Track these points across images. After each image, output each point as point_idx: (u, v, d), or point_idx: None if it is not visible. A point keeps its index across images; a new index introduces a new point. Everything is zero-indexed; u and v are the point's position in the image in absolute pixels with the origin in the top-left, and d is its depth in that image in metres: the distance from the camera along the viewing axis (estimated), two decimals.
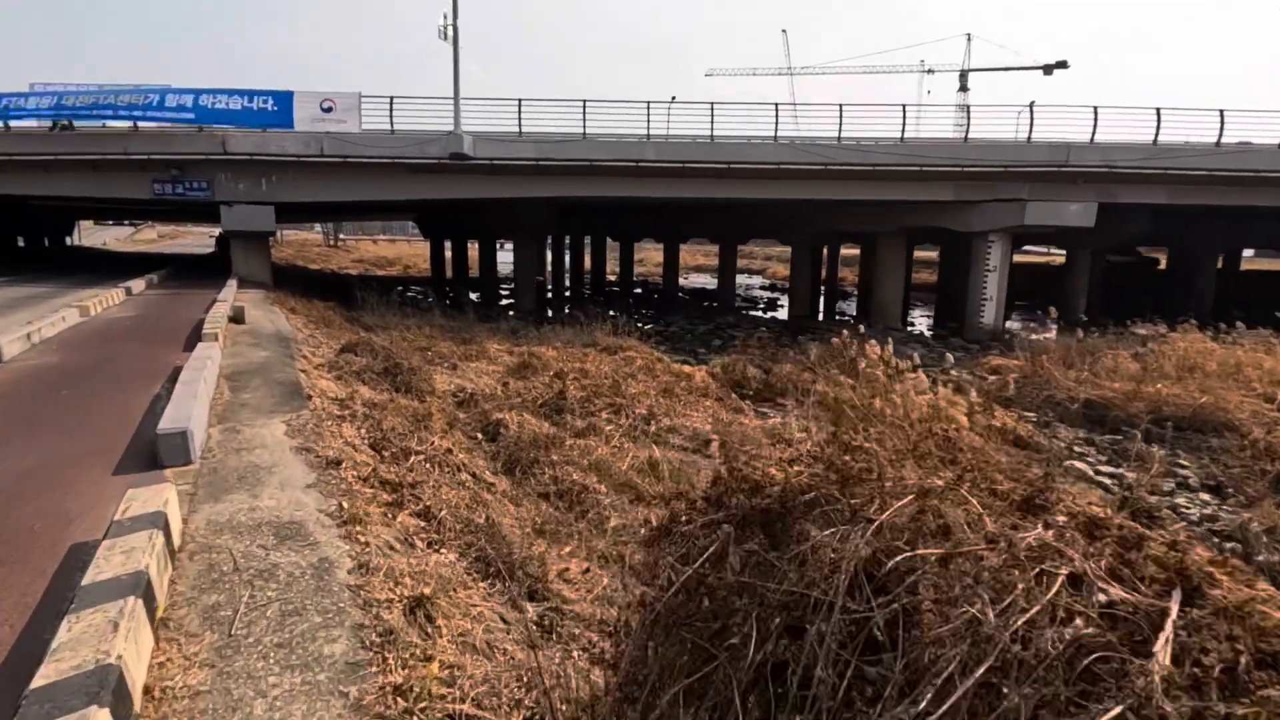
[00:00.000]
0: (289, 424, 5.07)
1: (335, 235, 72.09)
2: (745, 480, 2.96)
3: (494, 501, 5.33)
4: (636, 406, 10.40)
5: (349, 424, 5.43)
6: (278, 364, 7.50)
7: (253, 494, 3.70)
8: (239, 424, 5.09)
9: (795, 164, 19.85)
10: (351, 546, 3.07)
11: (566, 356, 14.66)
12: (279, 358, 7.95)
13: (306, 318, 14.06)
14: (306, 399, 6.00)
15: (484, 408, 9.84)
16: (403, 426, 5.80)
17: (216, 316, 9.58)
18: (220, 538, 3.17)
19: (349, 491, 3.72)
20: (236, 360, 7.53)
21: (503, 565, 3.58)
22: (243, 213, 20.35)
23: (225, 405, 5.70)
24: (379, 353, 9.54)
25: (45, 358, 7.98)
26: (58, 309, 11.94)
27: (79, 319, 10.82)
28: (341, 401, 6.30)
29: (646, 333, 18.87)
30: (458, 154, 19.46)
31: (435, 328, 18.25)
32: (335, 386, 7.18)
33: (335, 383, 7.46)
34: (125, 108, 21.66)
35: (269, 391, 6.16)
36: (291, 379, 6.75)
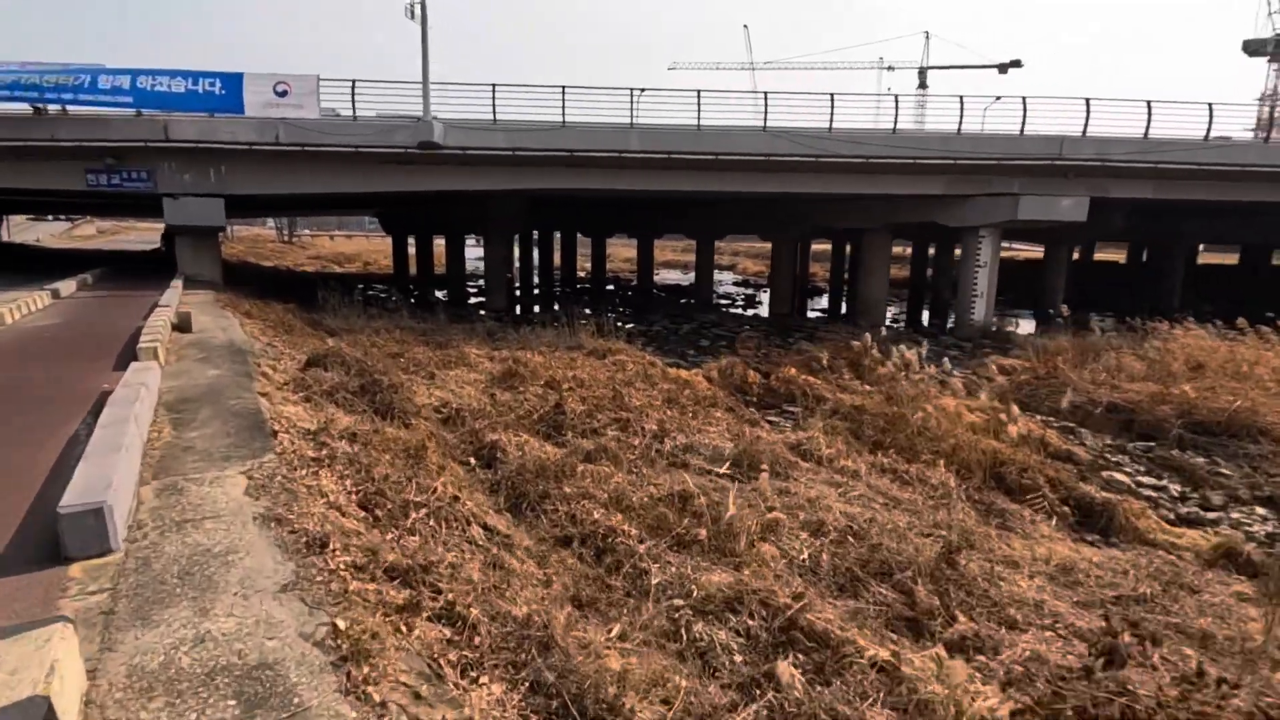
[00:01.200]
0: (251, 477, 3.84)
1: (291, 231, 69.11)
2: None
3: (518, 565, 4.21)
4: (644, 421, 9.34)
5: (328, 471, 4.23)
6: (232, 385, 6.21)
7: (200, 608, 2.52)
8: (183, 478, 3.85)
9: (786, 155, 18.97)
10: (360, 714, 1.95)
11: (554, 362, 13.52)
12: (234, 376, 6.65)
13: (263, 322, 12.59)
14: (271, 435, 4.78)
15: (473, 426, 8.66)
16: (395, 469, 4.63)
17: (157, 325, 8.17)
18: (148, 711, 2.00)
19: (344, 596, 2.59)
20: (181, 382, 6.21)
21: (569, 698, 2.50)
22: (189, 206, 18.59)
23: (165, 449, 4.44)
24: (351, 365, 8.26)
25: None
26: None
27: None
28: (315, 436, 5.08)
29: (629, 334, 17.82)
30: (427, 143, 18.05)
31: (405, 331, 16.91)
32: (305, 413, 5.94)
33: (305, 407, 6.22)
34: (52, 89, 19.59)
35: (222, 426, 4.91)
36: (250, 406, 5.50)
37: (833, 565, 5.30)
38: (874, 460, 8.73)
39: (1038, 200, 19.77)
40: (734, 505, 6.11)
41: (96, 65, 19.23)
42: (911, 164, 19.42)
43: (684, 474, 7.41)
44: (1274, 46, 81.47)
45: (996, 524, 7.07)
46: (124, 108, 19.40)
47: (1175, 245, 32.49)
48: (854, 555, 5.45)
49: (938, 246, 33.15)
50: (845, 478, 7.99)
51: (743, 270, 61.59)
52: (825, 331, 23.34)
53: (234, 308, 13.15)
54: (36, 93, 19.34)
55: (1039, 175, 20.03)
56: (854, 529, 5.98)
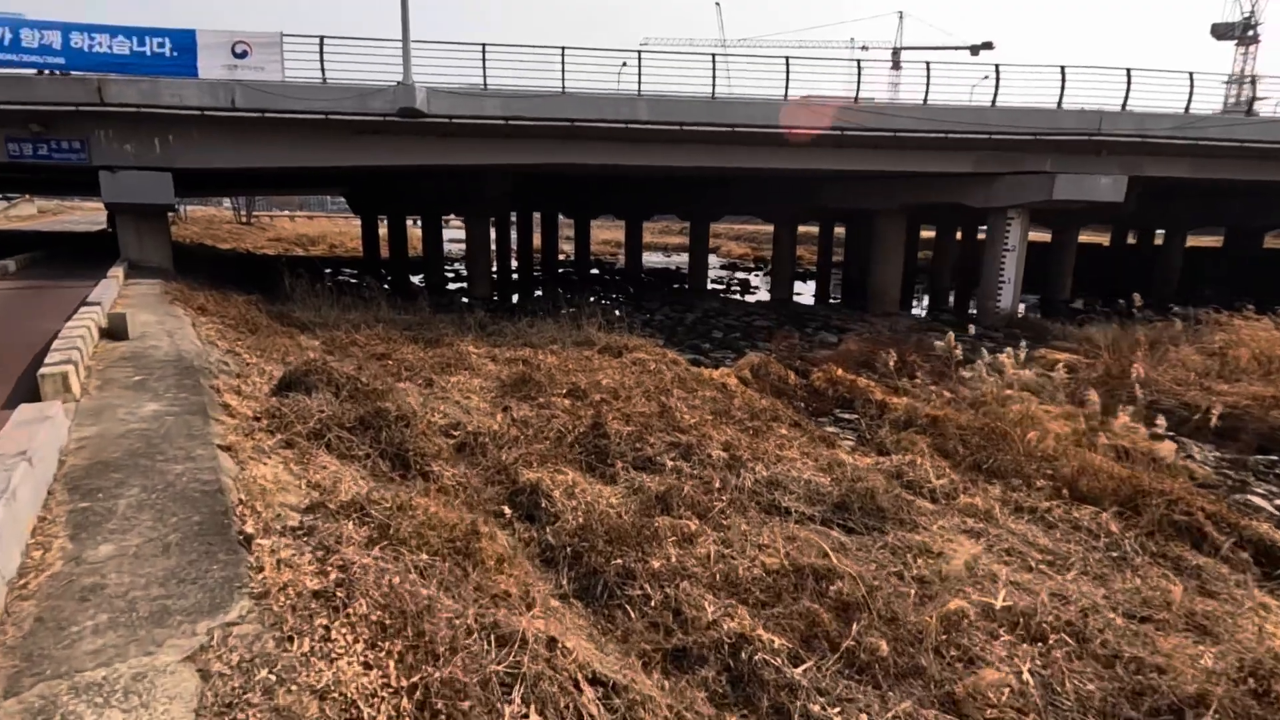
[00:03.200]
0: (206, 674, 2.04)
1: (249, 211, 65.28)
2: None
3: None
4: (706, 444, 7.59)
5: (343, 627, 2.41)
6: (178, 431, 4.29)
7: None
8: (73, 678, 1.99)
9: (809, 129, 17.21)
10: None
11: (570, 363, 11.68)
12: (181, 414, 4.71)
13: (222, 320, 10.47)
14: (243, 542, 2.91)
15: (499, 458, 6.81)
16: (446, 589, 2.84)
17: (76, 333, 6.10)
18: None
19: None
20: (100, 428, 4.25)
21: None
22: (130, 181, 16.13)
23: (43, 602, 2.56)
24: (341, 383, 6.33)
25: None
26: None
27: None
28: (310, 532, 3.22)
29: (631, 324, 16.06)
30: (409, 109, 15.86)
31: (388, 325, 14.87)
32: (288, 474, 4.08)
33: (286, 463, 4.33)
34: None
35: (158, 526, 3.00)
36: (205, 476, 3.58)
37: (1080, 702, 3.63)
38: (998, 494, 7.12)
39: (1074, 179, 18.39)
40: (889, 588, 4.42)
41: (15, 15, 16.51)
42: (942, 139, 17.83)
43: (792, 526, 5.70)
44: (1241, 30, 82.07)
45: (1193, 585, 5.52)
46: (54, 69, 16.79)
47: (1171, 226, 31.66)
48: (1098, 680, 3.80)
49: (940, 229, 31.83)
50: (978, 521, 6.36)
51: (726, 253, 59.97)
52: (840, 319, 21.83)
53: (186, 301, 10.97)
54: None
55: (1071, 152, 18.64)
56: (1068, 625, 4.33)
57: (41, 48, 16.97)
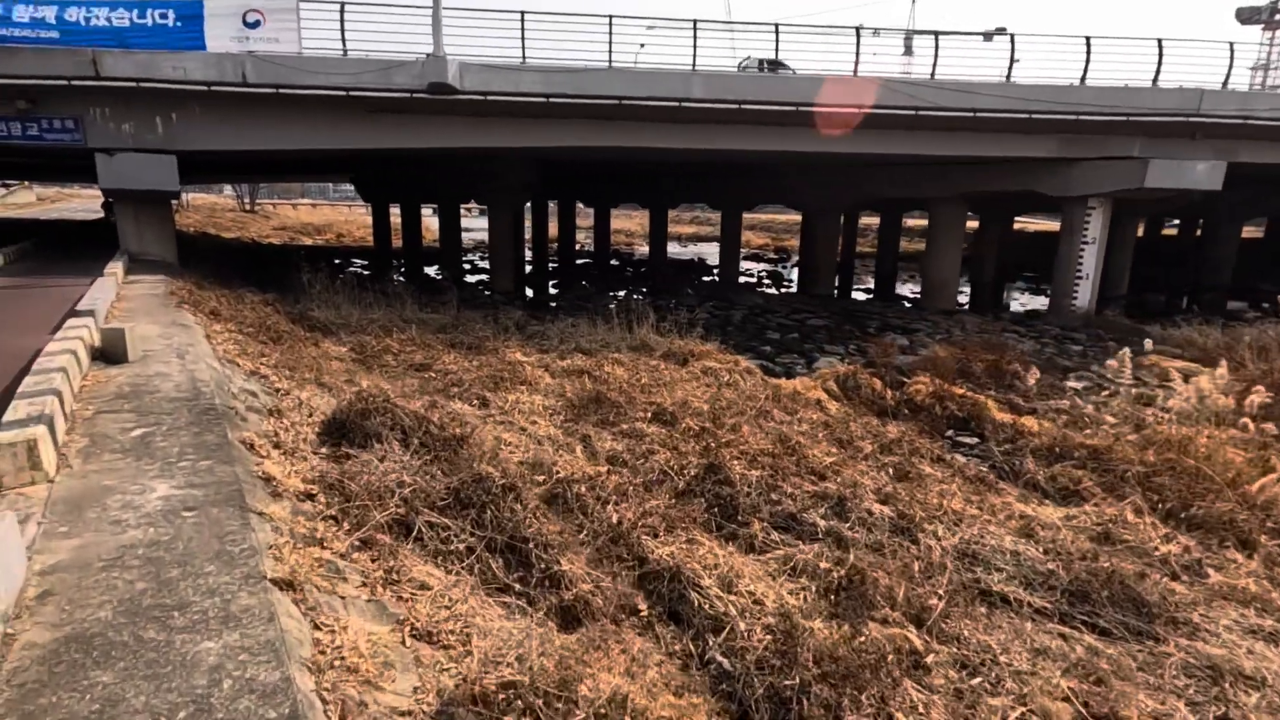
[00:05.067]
0: None
1: (252, 199, 63.44)
2: None
3: None
4: (856, 493, 6.01)
5: None
6: (204, 552, 2.66)
7: None
8: None
9: (880, 108, 15.52)
10: None
11: (643, 376, 10.09)
12: (204, 508, 3.08)
13: (239, 327, 8.87)
14: None
15: (606, 517, 5.24)
16: None
17: (54, 364, 4.48)
18: None
19: None
20: (79, 546, 2.58)
21: None
22: (129, 165, 14.50)
23: None
24: (410, 428, 4.75)
25: None
26: None
27: None
28: None
29: (679, 324, 14.54)
30: (439, 85, 14.18)
31: (419, 327, 13.31)
32: (384, 629, 2.52)
33: (371, 588, 2.77)
34: None
35: None
36: (261, 676, 2.01)
37: None
38: (1257, 567, 5.55)
39: (1169, 165, 16.70)
40: None
41: None
42: (1025, 120, 16.13)
43: (1027, 627, 4.13)
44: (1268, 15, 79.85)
45: None
46: (48, 44, 15.15)
47: (1228, 216, 29.83)
48: None
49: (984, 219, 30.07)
50: (1259, 613, 4.80)
51: (745, 243, 58.08)
52: (899, 317, 20.21)
53: (195, 305, 9.37)
54: None
55: (1162, 135, 16.93)
56: None
57: (34, 21, 15.35)
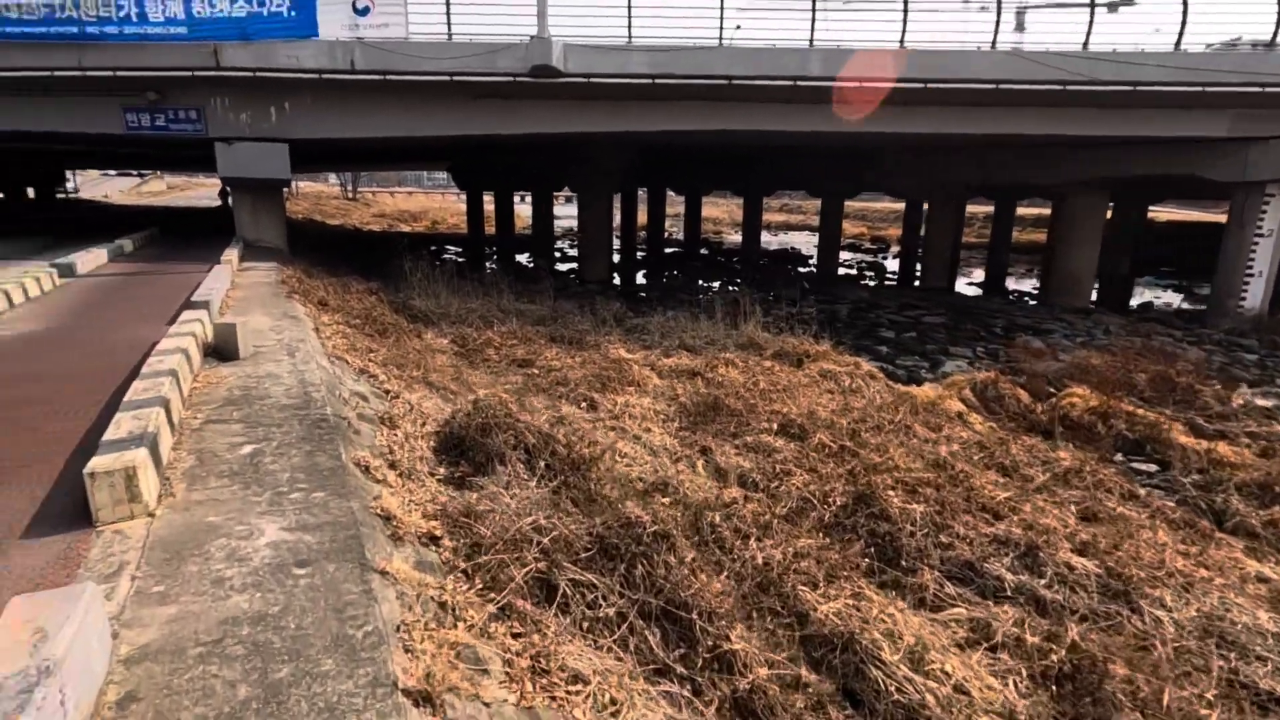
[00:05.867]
0: None
1: (354, 187, 66.27)
2: None
3: None
4: (1051, 542, 5.00)
5: None
6: (319, 632, 2.08)
7: None
8: None
9: (1022, 83, 13.90)
10: None
11: (760, 380, 9.25)
12: (319, 564, 2.53)
13: (346, 319, 8.68)
14: None
15: (750, 557, 4.47)
16: None
17: (165, 365, 4.17)
18: None
19: None
20: (174, 618, 2.26)
21: None
22: (246, 154, 14.85)
23: None
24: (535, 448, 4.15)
25: None
26: None
27: None
28: None
29: (779, 318, 13.61)
30: (542, 67, 13.70)
31: (517, 317, 12.97)
32: None
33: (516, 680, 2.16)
34: (94, 24, 15.94)
35: None
36: None
37: None
38: None
39: None
40: None
41: None
42: (1197, 94, 14.05)
43: None
44: None
45: None
46: (177, 40, 15.75)
47: None
48: None
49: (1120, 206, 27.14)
50: None
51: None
52: (1026, 316, 18.38)
53: (305, 295, 9.27)
54: (76, 27, 15.70)
55: None
56: None
57: (166, 20, 15.95)
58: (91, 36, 15.07)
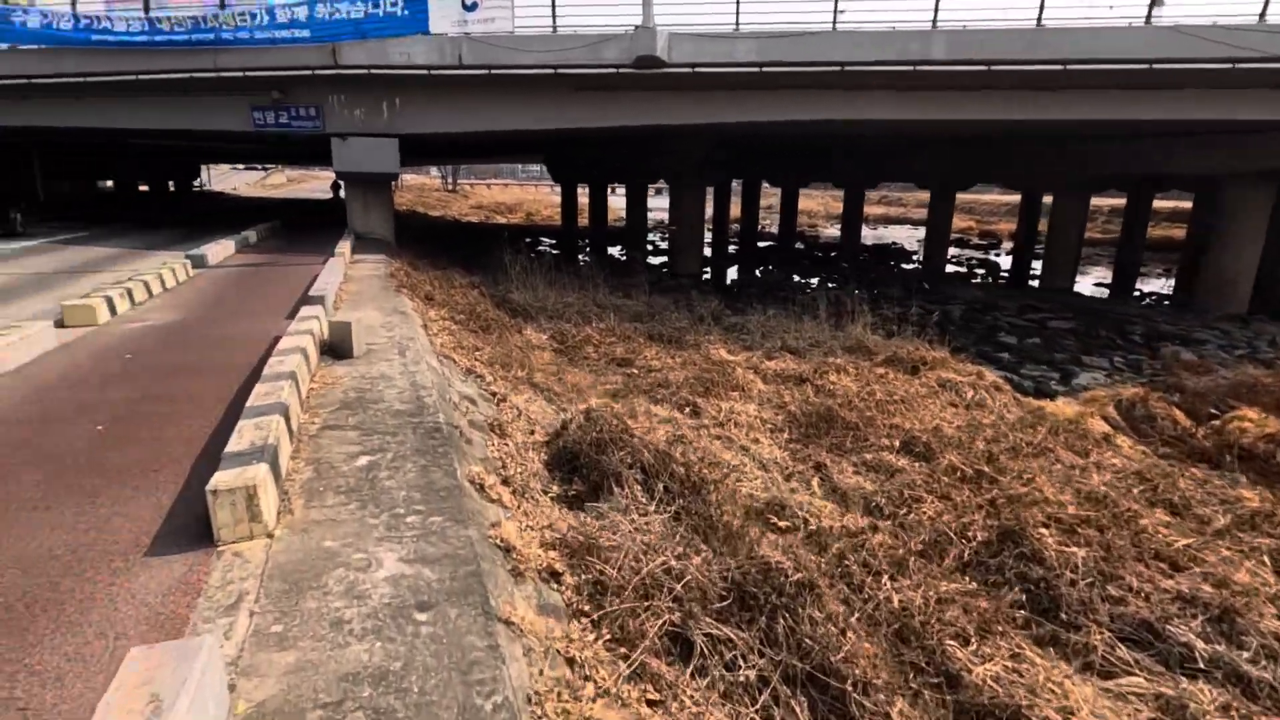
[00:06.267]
0: None
1: (454, 179, 68.70)
2: None
3: None
4: (1251, 605, 4.23)
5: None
6: (442, 697, 1.80)
7: None
8: None
9: (1181, 63, 12.35)
10: None
11: (876, 389, 8.61)
12: (440, 607, 2.21)
13: (451, 314, 8.73)
14: None
15: (884, 600, 3.99)
16: None
17: (286, 367, 4.18)
18: None
19: None
20: (293, 667, 2.05)
21: None
22: (359, 149, 15.39)
23: None
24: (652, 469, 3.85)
25: None
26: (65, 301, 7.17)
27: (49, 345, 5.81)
28: None
29: (886, 319, 12.78)
30: (647, 58, 13.38)
31: (614, 312, 12.77)
32: None
33: None
34: (231, 31, 16.91)
35: None
36: None
37: None
38: None
39: None
40: None
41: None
42: None
43: None
44: None
45: None
46: (300, 43, 16.56)
47: None
48: None
49: None
50: None
51: None
52: (1170, 322, 16.53)
53: (412, 289, 9.41)
54: (213, 34, 16.74)
55: None
56: None
57: (291, 22, 16.75)
58: (226, 42, 16.02)
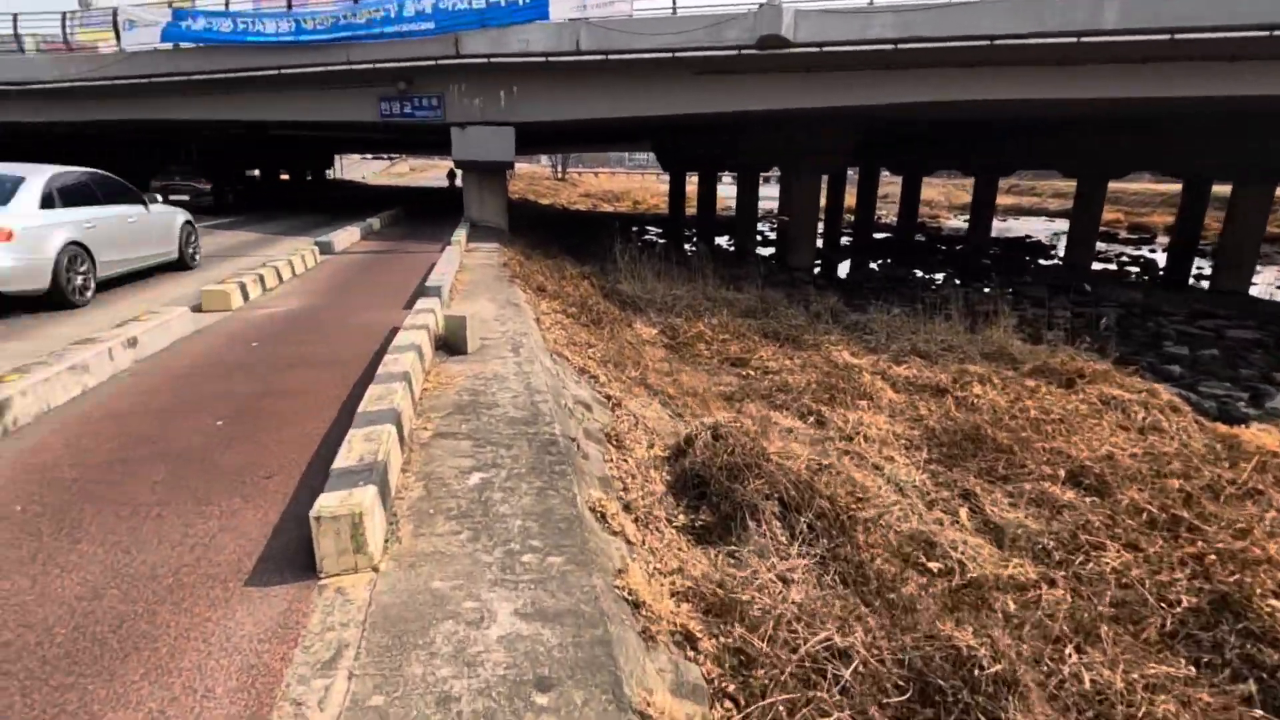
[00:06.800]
0: None
1: (563, 168, 69.92)
2: None
3: None
4: None
5: None
6: None
7: None
8: None
9: None
10: None
11: (1030, 405, 7.61)
12: (562, 686, 1.84)
13: (563, 307, 8.54)
14: None
15: (1071, 676, 3.26)
16: None
17: (399, 367, 3.97)
18: None
19: None
20: None
21: None
22: (477, 137, 15.60)
23: None
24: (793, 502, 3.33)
25: None
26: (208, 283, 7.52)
27: (185, 331, 6.04)
28: None
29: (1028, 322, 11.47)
30: (771, 37, 12.63)
31: (726, 307, 12.24)
32: None
33: None
34: (365, 26, 17.58)
35: None
36: None
37: None
38: None
39: None
40: None
41: None
42: None
43: None
44: None
45: None
46: (426, 35, 17.00)
47: None
48: None
49: None
50: None
51: None
52: None
53: (525, 280, 9.30)
54: (349, 32, 17.45)
55: None
56: None
57: (418, 15, 17.20)
58: (360, 37, 16.66)
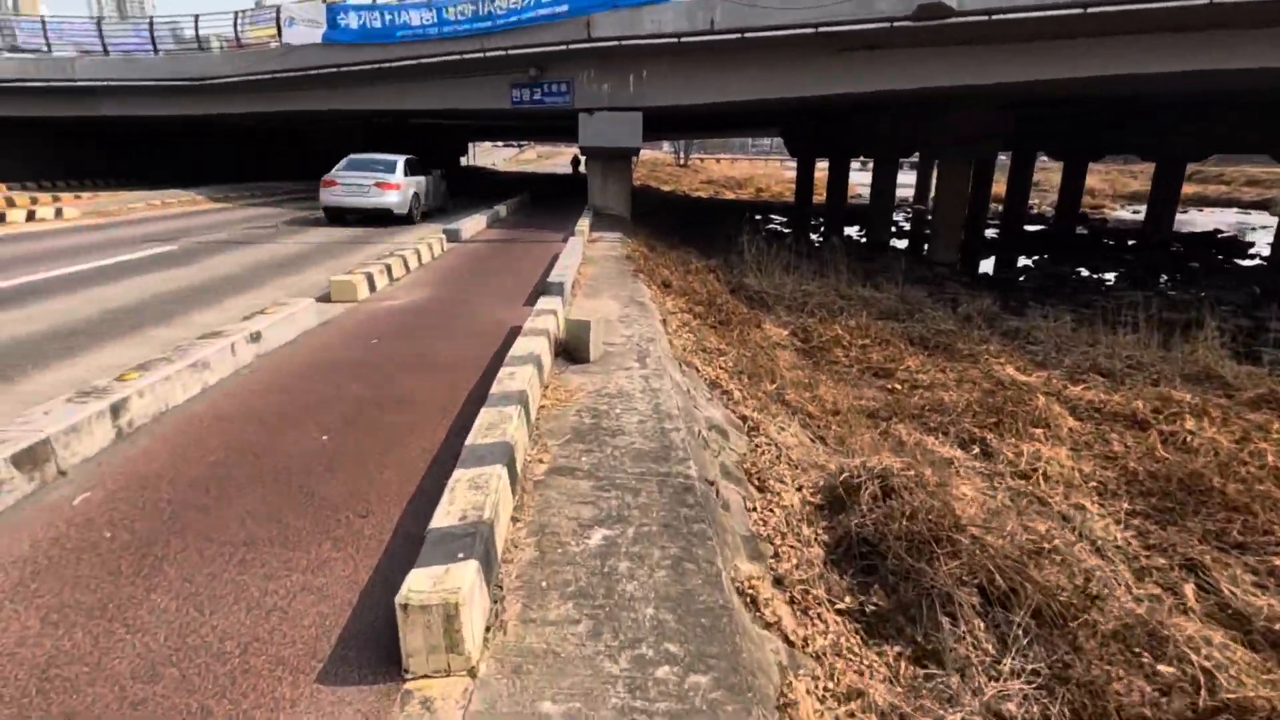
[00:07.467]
0: None
1: (686, 154, 69.09)
2: None
3: None
4: None
5: None
6: None
7: None
8: None
9: None
10: None
11: (1266, 449, 6.16)
12: None
13: (689, 304, 7.95)
14: None
15: None
16: None
17: (515, 385, 3.50)
18: None
19: None
20: None
21: None
22: (604, 123, 15.26)
23: None
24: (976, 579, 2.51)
25: None
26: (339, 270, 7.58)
27: (310, 324, 5.94)
28: None
29: (1227, 334, 9.49)
30: (931, 5, 11.26)
31: (864, 306, 11.17)
32: None
33: None
34: (503, 15, 17.66)
35: None
36: None
37: None
38: None
39: None
40: None
41: None
42: None
43: None
44: None
45: None
46: (559, 19, 16.82)
47: None
48: None
49: None
50: None
51: None
52: None
53: (649, 275, 8.79)
54: (489, 20, 17.60)
55: None
56: None
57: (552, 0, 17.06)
58: (496, 26, 16.76)
